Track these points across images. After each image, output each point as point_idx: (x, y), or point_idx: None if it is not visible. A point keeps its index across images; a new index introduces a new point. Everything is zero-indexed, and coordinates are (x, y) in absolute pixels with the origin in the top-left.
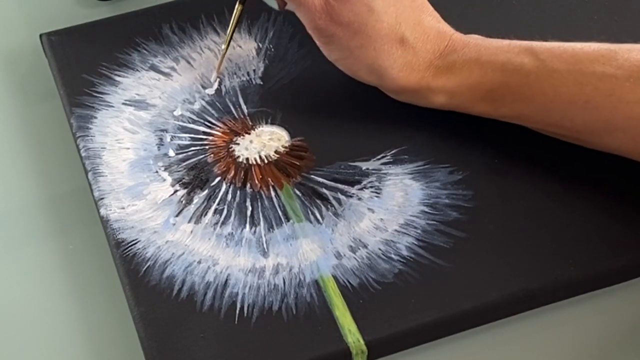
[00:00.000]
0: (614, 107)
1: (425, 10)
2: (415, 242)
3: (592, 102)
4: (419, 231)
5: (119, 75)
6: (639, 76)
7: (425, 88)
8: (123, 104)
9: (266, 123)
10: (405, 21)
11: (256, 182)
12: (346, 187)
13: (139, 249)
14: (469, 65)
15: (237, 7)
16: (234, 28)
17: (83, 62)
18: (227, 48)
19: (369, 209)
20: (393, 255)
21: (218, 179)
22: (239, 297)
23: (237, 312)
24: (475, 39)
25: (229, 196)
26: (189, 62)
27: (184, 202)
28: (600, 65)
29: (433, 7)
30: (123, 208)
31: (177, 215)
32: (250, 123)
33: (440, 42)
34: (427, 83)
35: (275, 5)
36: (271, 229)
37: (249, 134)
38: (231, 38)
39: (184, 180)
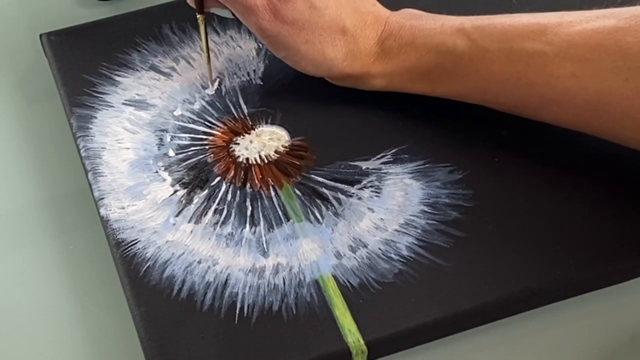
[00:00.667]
0: (546, 83)
1: None
2: (416, 242)
3: (524, 79)
4: (419, 231)
5: (119, 75)
6: (568, 51)
7: (366, 74)
8: (123, 104)
9: (266, 123)
10: (345, 10)
11: (256, 182)
12: (346, 186)
13: (139, 249)
14: (405, 49)
15: (199, 17)
16: (206, 38)
17: (83, 62)
18: (208, 57)
19: (369, 208)
20: (393, 255)
21: (218, 178)
22: (239, 297)
23: (237, 312)
24: (409, 18)
25: (229, 196)
26: (189, 62)
27: (184, 202)
28: (530, 41)
29: (433, 7)
30: (123, 208)
31: (177, 215)
32: (250, 123)
33: (377, 27)
34: (367, 69)
35: (229, 15)
36: (271, 229)
37: (249, 133)
38: (208, 48)
39: (184, 180)
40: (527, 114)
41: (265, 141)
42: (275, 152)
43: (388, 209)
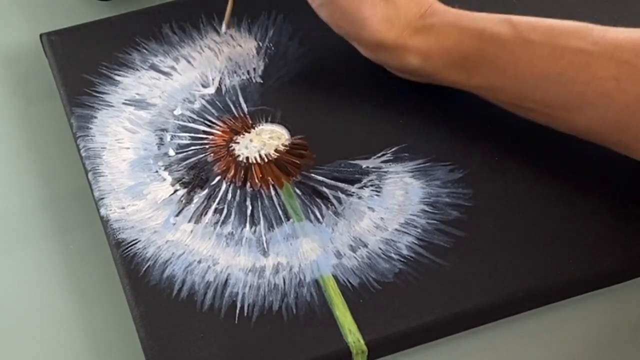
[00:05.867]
0: (587, 82)
1: None
2: (416, 242)
3: (565, 76)
4: (419, 230)
5: (119, 75)
6: (613, 54)
7: (401, 46)
8: (123, 103)
9: (266, 121)
10: None
11: (256, 181)
12: (346, 185)
13: (139, 248)
14: (447, 28)
15: None
16: None
17: (83, 62)
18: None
19: (369, 207)
20: (393, 255)
21: (218, 178)
22: (239, 296)
23: (237, 311)
24: (455, 9)
25: (229, 195)
26: (189, 62)
27: (184, 201)
28: (575, 39)
29: None
30: (123, 208)
31: (177, 215)
32: (250, 122)
33: (422, 4)
34: (404, 41)
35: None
36: (271, 228)
37: (249, 132)
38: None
39: (184, 180)
40: (560, 118)
41: (266, 140)
42: (276, 150)
43: (388, 208)
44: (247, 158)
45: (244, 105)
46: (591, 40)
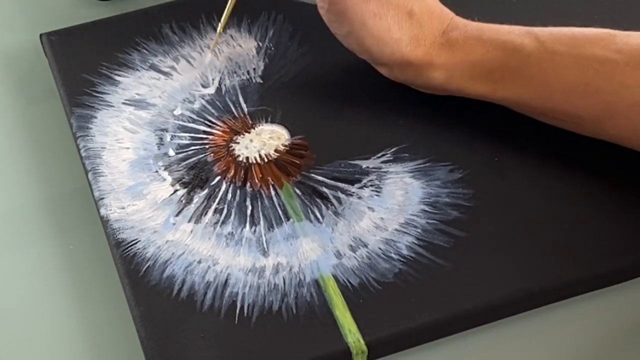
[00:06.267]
0: (615, 92)
1: None
2: (416, 242)
3: (592, 86)
4: (419, 230)
5: (119, 75)
6: (639, 61)
7: (427, 63)
8: (123, 103)
9: (266, 122)
10: None
11: (256, 181)
12: (346, 185)
13: (139, 248)
14: (471, 42)
15: None
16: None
17: (83, 62)
18: (224, 23)
19: (369, 207)
20: (393, 255)
21: (218, 178)
22: (239, 296)
23: (237, 312)
24: (475, 22)
25: (229, 195)
26: (189, 62)
27: (184, 201)
28: (600, 48)
29: None
30: (123, 208)
31: (177, 215)
32: (250, 122)
33: (443, 20)
34: (430, 58)
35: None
36: (271, 228)
37: (249, 132)
38: (230, 15)
39: (184, 180)
40: (589, 128)
41: (265, 140)
42: (275, 151)
43: (388, 208)
44: (247, 158)
45: (244, 106)
46: (615, 48)
